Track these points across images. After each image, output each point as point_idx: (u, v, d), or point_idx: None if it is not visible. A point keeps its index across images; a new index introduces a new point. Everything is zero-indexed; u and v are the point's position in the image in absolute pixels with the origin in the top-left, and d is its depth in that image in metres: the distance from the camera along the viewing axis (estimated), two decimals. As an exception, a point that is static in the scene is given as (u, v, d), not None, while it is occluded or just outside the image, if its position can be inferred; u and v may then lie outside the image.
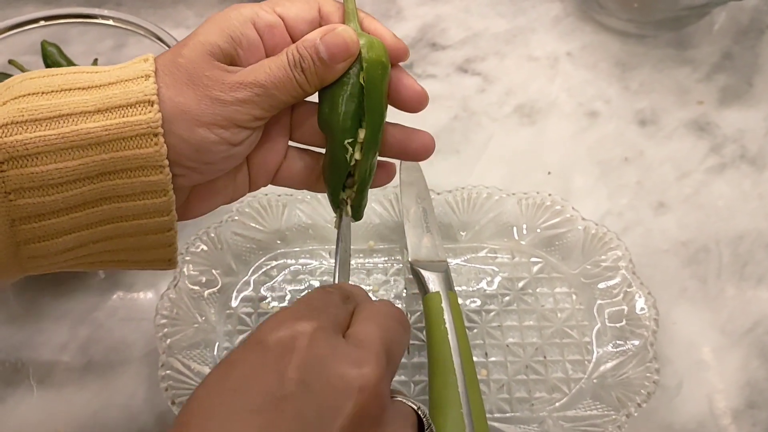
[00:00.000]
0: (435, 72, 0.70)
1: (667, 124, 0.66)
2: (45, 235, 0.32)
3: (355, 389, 0.28)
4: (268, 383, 0.28)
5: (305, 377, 0.28)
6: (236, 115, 0.34)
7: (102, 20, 0.57)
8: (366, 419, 0.28)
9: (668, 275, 0.56)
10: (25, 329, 0.52)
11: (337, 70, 0.36)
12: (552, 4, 0.76)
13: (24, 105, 0.32)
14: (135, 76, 0.33)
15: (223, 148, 0.35)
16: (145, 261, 0.37)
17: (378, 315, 0.33)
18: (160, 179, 0.33)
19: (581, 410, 0.47)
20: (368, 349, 0.30)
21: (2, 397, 0.49)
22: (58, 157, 0.31)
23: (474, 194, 0.56)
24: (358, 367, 0.29)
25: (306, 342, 0.29)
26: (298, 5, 0.37)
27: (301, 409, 0.27)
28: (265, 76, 0.35)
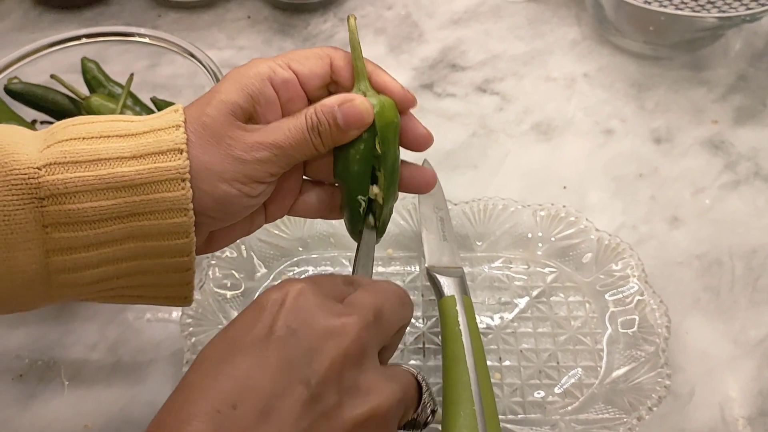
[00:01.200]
0: (454, 91, 0.72)
1: (681, 142, 0.67)
2: (75, 267, 0.35)
3: (336, 333, 0.32)
4: (258, 332, 0.31)
5: (291, 324, 0.32)
6: (255, 173, 0.37)
7: (139, 38, 0.60)
8: (346, 363, 0.32)
9: (681, 287, 0.57)
10: (57, 329, 0.54)
11: (351, 135, 0.39)
12: (569, 28, 0.79)
13: (66, 148, 0.34)
14: (167, 125, 0.36)
15: (243, 201, 0.38)
16: (163, 297, 0.40)
17: (376, 287, 0.36)
18: (184, 221, 0.36)
19: (593, 414, 0.48)
20: (354, 307, 0.34)
21: (34, 393, 0.51)
22: (93, 196, 0.34)
23: (490, 205, 0.58)
24: (339, 317, 0.32)
25: (294, 296, 0.33)
26: (312, 61, 0.40)
27: (286, 351, 0.31)
28: (284, 138, 0.38)
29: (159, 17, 0.80)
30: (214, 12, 0.81)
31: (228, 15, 0.81)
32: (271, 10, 0.81)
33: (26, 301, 0.36)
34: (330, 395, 0.31)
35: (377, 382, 0.33)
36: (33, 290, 0.35)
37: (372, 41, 0.77)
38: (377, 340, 0.34)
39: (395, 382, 0.34)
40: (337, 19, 0.80)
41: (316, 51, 0.40)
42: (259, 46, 0.77)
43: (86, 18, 0.80)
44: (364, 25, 0.79)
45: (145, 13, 0.80)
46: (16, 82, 0.58)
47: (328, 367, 0.31)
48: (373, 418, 0.32)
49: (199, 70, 0.60)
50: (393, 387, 0.33)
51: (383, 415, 0.32)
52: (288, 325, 0.31)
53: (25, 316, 0.55)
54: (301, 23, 0.79)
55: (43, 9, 0.80)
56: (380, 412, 0.32)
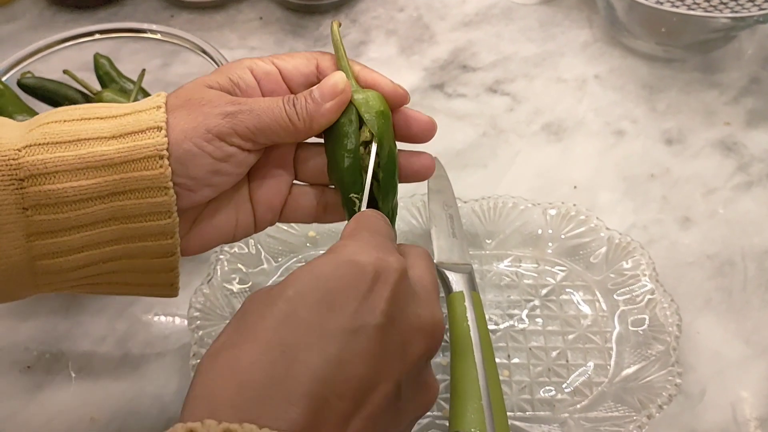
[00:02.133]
0: (465, 92, 0.72)
1: (693, 144, 0.67)
2: (58, 251, 0.35)
3: (429, 333, 0.33)
4: (361, 307, 0.30)
5: (392, 311, 0.31)
6: (219, 127, 0.36)
7: (151, 34, 0.60)
8: (427, 358, 0.33)
9: (693, 287, 0.56)
10: (65, 322, 0.54)
11: (326, 108, 0.38)
12: (581, 30, 0.78)
13: (47, 130, 0.34)
14: (148, 107, 0.36)
15: (207, 162, 0.36)
16: (149, 284, 0.39)
17: (429, 263, 0.37)
18: (165, 200, 0.35)
19: (602, 412, 0.48)
20: (432, 296, 0.35)
21: (42, 385, 0.51)
22: (73, 176, 0.34)
23: (500, 204, 0.58)
24: (431, 310, 0.33)
25: (396, 277, 0.32)
26: (297, 59, 0.40)
27: (385, 341, 0.30)
28: (255, 101, 0.37)
29: (172, 17, 0.80)
30: (226, 13, 0.81)
31: (240, 16, 0.81)
32: (283, 12, 0.81)
33: (10, 289, 0.35)
34: (408, 391, 0.32)
35: (432, 377, 0.35)
36: (16, 277, 0.34)
37: (383, 42, 0.77)
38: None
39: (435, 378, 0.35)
40: (348, 20, 0.80)
41: (303, 53, 0.40)
42: (270, 47, 0.77)
43: (100, 18, 0.80)
44: (375, 27, 0.79)
45: (158, 13, 0.81)
46: (29, 76, 0.59)
47: (414, 364, 0.32)
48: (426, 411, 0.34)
49: (211, 69, 0.60)
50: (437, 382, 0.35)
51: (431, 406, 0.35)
52: (390, 312, 0.31)
53: (34, 309, 0.55)
54: (312, 24, 0.80)
55: (57, 9, 0.81)
56: (430, 406, 0.35)
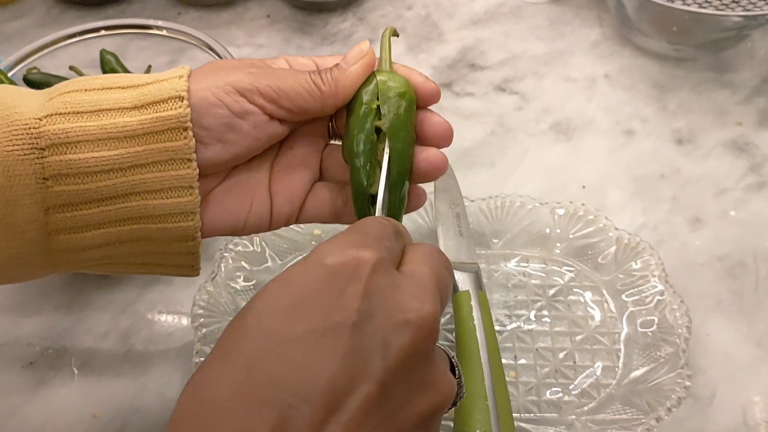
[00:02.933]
0: (473, 90, 0.71)
1: (704, 143, 0.66)
2: (76, 226, 0.34)
3: (414, 325, 0.29)
4: (331, 308, 0.28)
5: (368, 307, 0.28)
6: (240, 83, 0.35)
7: (157, 31, 0.60)
8: (419, 354, 0.29)
9: (703, 288, 0.55)
10: (69, 318, 0.54)
11: (351, 72, 0.37)
12: (591, 29, 0.78)
13: (68, 99, 0.34)
14: (170, 76, 0.35)
15: (223, 113, 0.35)
16: (169, 265, 0.38)
17: (430, 257, 0.33)
18: (187, 173, 0.34)
19: (610, 414, 0.47)
20: (425, 288, 0.30)
21: (44, 381, 0.51)
22: (95, 146, 0.33)
23: (507, 203, 0.57)
24: (419, 302, 0.29)
25: (368, 271, 0.29)
26: (332, 58, 0.39)
27: (361, 338, 0.27)
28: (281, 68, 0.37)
29: (179, 15, 0.80)
30: (234, 10, 0.81)
31: (247, 14, 0.81)
32: (290, 9, 0.81)
33: (25, 267, 0.35)
34: (399, 391, 0.28)
35: (439, 375, 0.30)
36: (32, 254, 0.34)
37: (391, 40, 0.76)
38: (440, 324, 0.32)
39: (448, 372, 0.31)
40: (356, 18, 0.80)
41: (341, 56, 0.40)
42: (278, 45, 0.77)
43: (107, 15, 0.80)
44: (383, 25, 0.78)
45: (166, 11, 0.81)
46: (35, 72, 0.59)
47: (400, 360, 0.28)
48: (436, 414, 0.30)
49: (217, 65, 0.60)
50: (450, 378, 0.31)
51: (441, 410, 0.31)
52: (362, 308, 0.28)
53: (38, 305, 0.55)
54: (320, 22, 0.79)
55: (64, 6, 0.81)
56: (442, 407, 0.30)
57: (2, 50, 0.71)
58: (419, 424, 0.29)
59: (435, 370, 0.30)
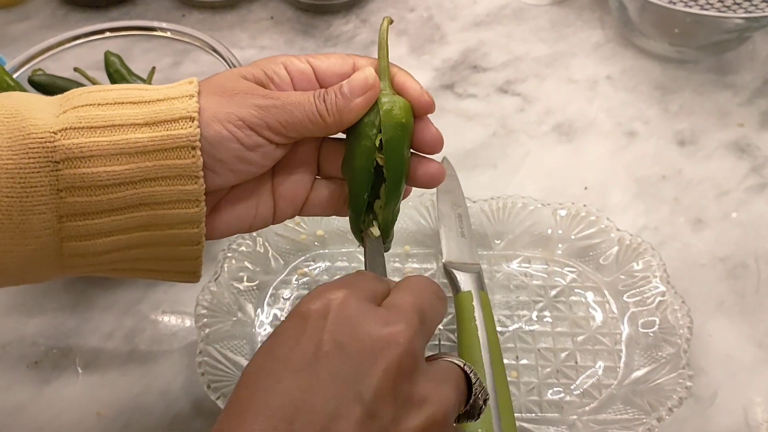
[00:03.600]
0: (475, 92, 0.71)
1: (706, 145, 0.66)
2: (87, 234, 0.35)
3: (385, 345, 0.30)
4: (305, 347, 0.30)
5: (338, 338, 0.30)
6: (250, 117, 0.36)
7: (161, 32, 0.60)
8: (399, 375, 0.30)
9: (705, 289, 0.55)
10: (73, 318, 0.54)
11: (355, 104, 0.38)
12: (593, 31, 0.78)
13: (82, 114, 0.35)
14: (180, 95, 0.36)
15: (235, 147, 0.36)
16: (173, 271, 0.39)
17: (412, 286, 0.34)
18: (195, 189, 0.36)
19: (612, 414, 0.47)
20: (398, 311, 0.32)
21: (49, 380, 0.51)
22: (107, 161, 0.34)
23: (509, 204, 0.57)
24: (387, 325, 0.31)
25: (337, 305, 0.31)
26: (333, 59, 0.40)
27: (336, 368, 0.29)
28: (288, 95, 0.37)
29: (183, 17, 0.81)
30: (237, 12, 0.81)
31: (251, 15, 0.81)
32: (294, 11, 0.81)
33: (37, 270, 0.36)
34: (386, 410, 0.30)
35: (431, 389, 0.31)
36: (44, 258, 0.35)
37: (394, 42, 0.77)
38: (424, 343, 0.33)
39: (447, 383, 0.32)
40: (359, 20, 0.80)
41: (339, 54, 0.40)
42: (281, 46, 0.77)
43: (112, 17, 0.81)
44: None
45: (170, 12, 0.81)
46: (40, 73, 0.59)
47: (381, 381, 0.30)
48: (432, 427, 0.31)
49: (222, 68, 0.60)
50: (446, 391, 0.32)
51: (441, 421, 0.31)
52: (335, 339, 0.30)
53: (43, 305, 0.55)
54: (323, 24, 0.80)
55: (69, 8, 0.81)
56: (438, 419, 0.31)
57: (8, 52, 0.71)
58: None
59: (422, 384, 0.31)
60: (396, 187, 0.40)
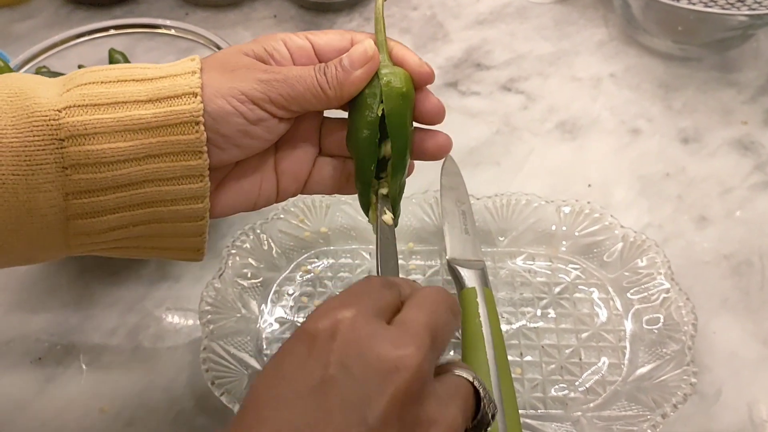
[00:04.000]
0: (479, 90, 0.71)
1: (710, 143, 0.66)
2: (92, 211, 0.35)
3: (394, 370, 0.29)
4: (312, 370, 0.29)
5: (345, 360, 0.29)
6: (253, 92, 0.36)
7: (165, 30, 0.60)
8: (406, 400, 0.29)
9: (709, 286, 0.55)
10: (77, 315, 0.54)
11: (356, 76, 0.38)
12: (596, 29, 0.78)
13: (86, 91, 0.35)
14: (183, 71, 0.37)
15: (239, 122, 0.37)
16: (177, 249, 0.40)
17: (426, 300, 0.33)
18: (199, 164, 0.36)
19: (616, 411, 0.47)
20: (409, 331, 0.31)
21: (53, 376, 0.51)
22: (112, 138, 0.34)
23: (513, 201, 0.57)
24: (396, 348, 0.30)
25: (346, 327, 0.30)
26: (331, 35, 0.40)
27: (343, 392, 0.28)
28: (289, 69, 0.38)
29: (186, 15, 0.81)
30: (241, 11, 0.81)
31: (254, 14, 0.81)
32: (297, 10, 0.81)
33: (43, 248, 0.36)
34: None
35: (438, 410, 0.30)
36: (50, 236, 0.35)
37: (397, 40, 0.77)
38: (435, 362, 0.32)
39: (454, 403, 0.31)
40: (362, 18, 0.80)
41: (338, 30, 0.41)
42: (284, 45, 0.77)
43: (115, 16, 0.81)
44: (389, 25, 0.78)
45: (173, 11, 0.81)
46: (44, 71, 0.59)
47: (388, 407, 0.28)
48: None
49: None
50: (454, 412, 0.31)
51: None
52: (343, 362, 0.29)
53: (46, 301, 0.55)
54: (326, 22, 0.80)
55: (73, 7, 0.82)
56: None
57: (12, 50, 0.71)
58: None
59: (430, 407, 0.30)
60: (401, 159, 0.40)
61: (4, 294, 0.55)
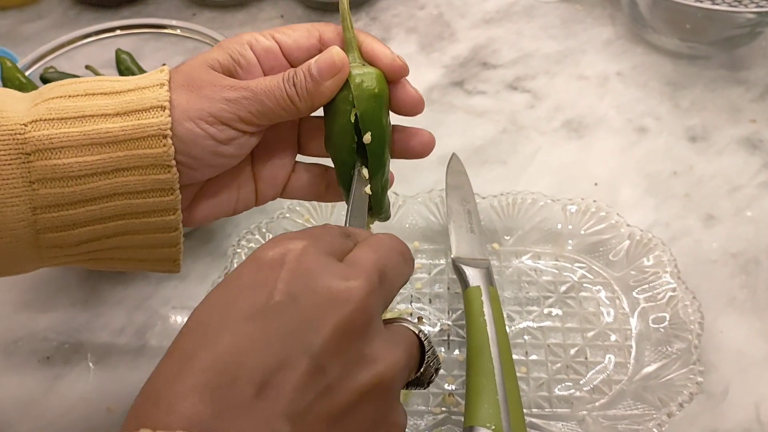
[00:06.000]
0: (485, 89, 0.71)
1: (718, 141, 0.66)
2: (62, 225, 0.35)
3: (341, 301, 0.29)
4: (258, 295, 0.29)
5: (292, 289, 0.29)
6: (222, 113, 0.36)
7: (171, 30, 0.61)
8: (351, 332, 0.29)
9: (716, 285, 0.55)
10: (84, 314, 0.55)
11: (326, 87, 0.37)
12: (603, 27, 0.78)
13: (53, 105, 0.35)
14: (151, 84, 0.36)
15: (209, 144, 0.36)
16: (152, 260, 0.39)
17: (378, 242, 0.33)
18: (168, 178, 0.36)
19: (622, 410, 0.47)
20: (358, 268, 0.31)
21: (61, 375, 0.51)
22: (79, 152, 0.34)
23: (519, 199, 0.57)
24: (344, 280, 0.30)
25: (295, 256, 0.30)
26: (298, 33, 0.39)
27: (287, 319, 0.28)
28: (257, 84, 0.37)
29: (194, 15, 0.81)
30: (248, 11, 0.82)
31: (261, 14, 0.81)
32: (303, 10, 0.81)
33: (15, 262, 0.36)
34: (334, 367, 0.29)
35: (382, 349, 0.31)
36: (21, 250, 0.35)
37: (403, 40, 0.77)
38: (382, 303, 0.32)
39: (399, 346, 0.31)
40: (369, 18, 0.80)
41: (305, 25, 0.40)
42: (291, 44, 0.77)
43: (123, 17, 0.81)
44: (396, 24, 0.79)
45: (181, 12, 0.82)
46: (52, 71, 0.60)
47: (332, 337, 0.29)
48: (378, 387, 0.30)
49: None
50: (398, 353, 0.31)
51: (388, 382, 0.30)
52: (289, 290, 0.29)
53: (54, 300, 0.55)
54: (333, 22, 0.80)
55: (81, 8, 0.82)
56: (385, 380, 0.30)
57: (21, 51, 0.71)
58: (362, 398, 0.29)
59: (374, 344, 0.30)
60: (379, 158, 0.40)
61: (12, 293, 0.56)
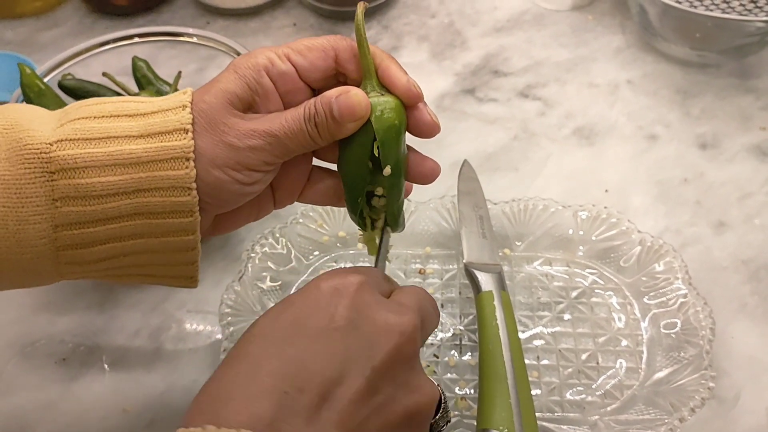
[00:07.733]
0: (496, 96, 0.72)
1: (728, 148, 0.66)
2: (82, 242, 0.36)
3: (396, 332, 0.34)
4: (321, 319, 0.33)
5: (352, 316, 0.33)
6: (247, 160, 0.37)
7: (187, 38, 0.62)
8: (401, 360, 0.34)
9: (727, 291, 0.55)
10: (101, 316, 0.55)
11: (347, 128, 0.38)
12: (614, 36, 0.78)
13: (78, 126, 0.36)
14: (174, 106, 0.37)
15: (237, 188, 0.37)
16: (169, 276, 0.40)
17: (415, 291, 0.38)
18: (188, 201, 0.36)
19: (633, 414, 0.47)
20: (406, 306, 0.36)
21: (76, 377, 0.52)
22: (102, 172, 0.35)
23: (530, 206, 0.57)
24: (399, 315, 0.34)
25: (354, 289, 0.34)
26: (314, 53, 0.39)
27: (349, 341, 0.32)
28: (279, 126, 0.37)
29: (208, 24, 0.82)
30: (261, 19, 0.83)
31: (274, 23, 0.82)
32: (316, 18, 0.82)
33: (34, 276, 0.36)
34: (385, 388, 0.33)
35: (423, 381, 0.35)
36: (41, 265, 0.36)
37: (415, 48, 0.78)
38: (422, 342, 0.36)
39: (433, 385, 0.36)
40: (380, 26, 0.81)
41: (321, 42, 0.39)
42: (303, 52, 0.78)
43: (138, 25, 0.82)
44: (407, 33, 0.79)
45: (195, 20, 0.83)
46: (69, 78, 0.60)
47: (385, 362, 0.33)
48: (418, 414, 0.34)
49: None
50: (434, 389, 0.35)
51: (425, 412, 0.35)
52: (350, 317, 0.33)
53: (72, 303, 0.56)
54: (345, 31, 0.81)
55: (97, 16, 0.83)
56: (424, 409, 0.34)
57: (38, 58, 0.73)
58: (404, 421, 0.33)
59: (418, 375, 0.35)
60: (396, 185, 0.40)
61: (31, 296, 0.57)
